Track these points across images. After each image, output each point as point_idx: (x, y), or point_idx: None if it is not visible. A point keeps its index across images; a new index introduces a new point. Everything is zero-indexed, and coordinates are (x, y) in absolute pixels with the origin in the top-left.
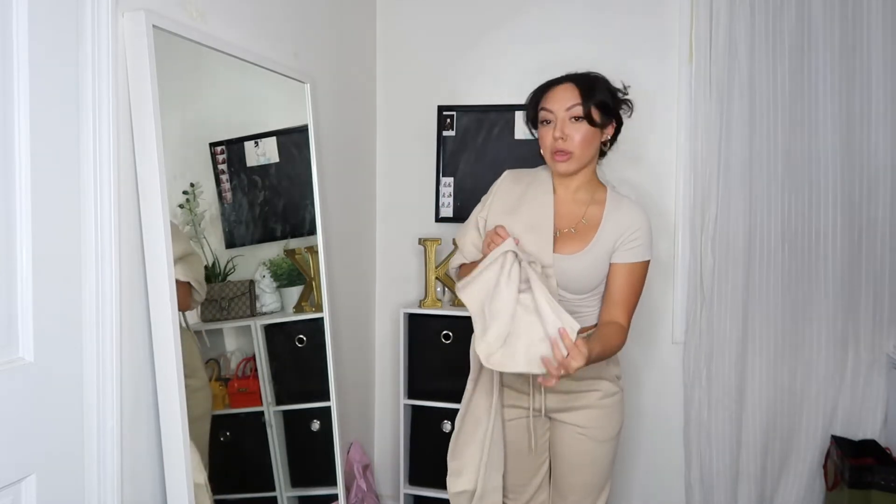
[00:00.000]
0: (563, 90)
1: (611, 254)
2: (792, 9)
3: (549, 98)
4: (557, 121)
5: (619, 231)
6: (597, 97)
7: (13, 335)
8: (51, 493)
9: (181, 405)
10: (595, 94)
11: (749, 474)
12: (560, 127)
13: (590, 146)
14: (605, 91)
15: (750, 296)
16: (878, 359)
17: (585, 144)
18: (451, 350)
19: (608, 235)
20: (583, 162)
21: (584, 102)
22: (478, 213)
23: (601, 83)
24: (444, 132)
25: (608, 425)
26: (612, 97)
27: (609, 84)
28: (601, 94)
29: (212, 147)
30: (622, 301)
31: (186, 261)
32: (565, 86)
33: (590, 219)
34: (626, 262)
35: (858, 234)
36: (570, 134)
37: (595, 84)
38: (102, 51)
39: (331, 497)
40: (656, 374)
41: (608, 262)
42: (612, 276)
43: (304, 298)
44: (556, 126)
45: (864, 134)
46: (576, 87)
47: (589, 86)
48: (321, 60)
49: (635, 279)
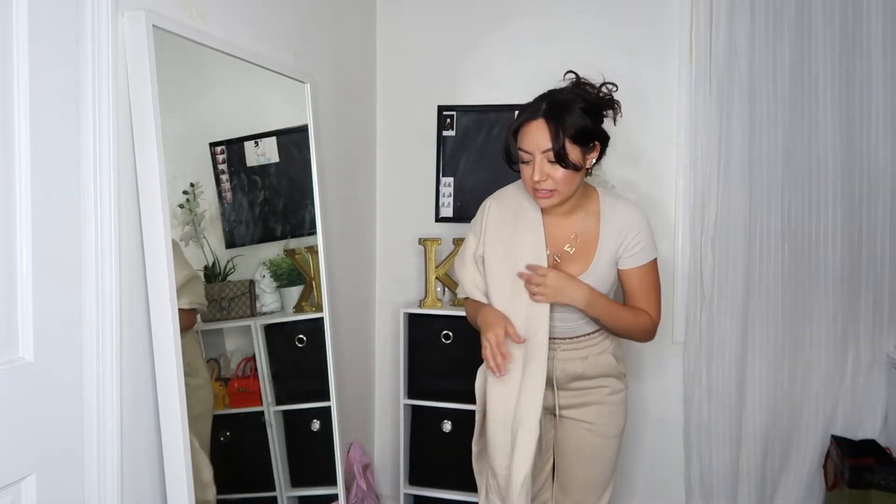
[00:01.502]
0: (537, 128)
1: (616, 261)
2: (792, 9)
3: (525, 137)
4: (535, 161)
5: (619, 239)
6: (569, 130)
7: (13, 335)
8: (51, 493)
9: (181, 405)
10: (567, 127)
11: (749, 474)
12: (538, 168)
13: (572, 181)
14: (579, 115)
15: (750, 296)
16: (878, 359)
17: (567, 181)
18: (451, 350)
19: (609, 245)
20: (566, 195)
21: (554, 142)
22: (473, 248)
23: (575, 107)
24: (444, 132)
25: (614, 422)
26: (590, 117)
27: (586, 102)
28: (575, 121)
29: (212, 147)
30: (643, 299)
31: (189, 287)
32: (538, 123)
33: (586, 233)
34: (634, 267)
35: (858, 234)
36: (550, 174)
37: (567, 111)
38: (102, 51)
39: (331, 497)
40: (656, 373)
41: (615, 269)
42: (625, 282)
43: (304, 298)
44: (534, 167)
45: (864, 134)
46: (547, 124)
47: (561, 118)
48: (321, 60)
49: (650, 279)
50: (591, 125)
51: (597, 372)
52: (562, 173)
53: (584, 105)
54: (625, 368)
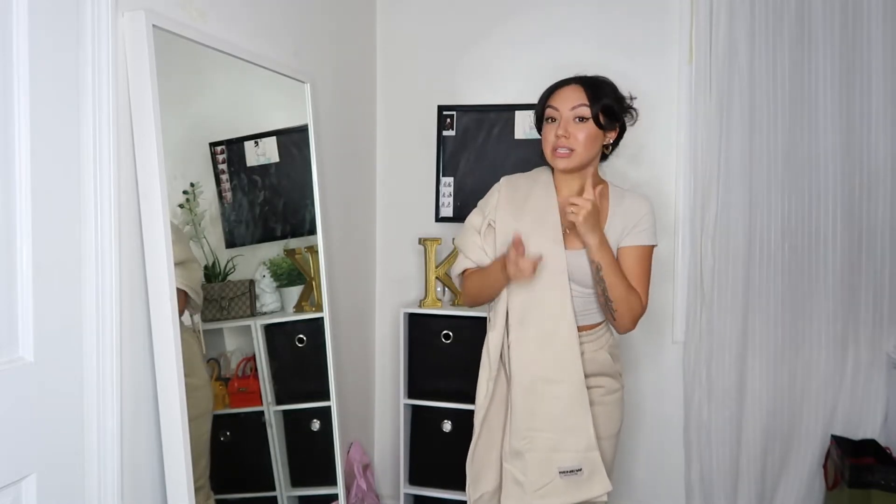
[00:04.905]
0: (571, 90)
1: (618, 243)
2: (792, 9)
3: (556, 97)
4: (562, 119)
5: (625, 220)
6: (603, 101)
7: (13, 335)
8: (51, 493)
9: (181, 405)
10: (601, 98)
11: (749, 474)
12: (563, 125)
13: (591, 146)
14: (611, 96)
15: (750, 296)
16: (878, 358)
17: (587, 144)
18: (451, 350)
19: (616, 227)
20: (583, 161)
21: (591, 104)
22: (478, 220)
23: (608, 88)
24: (444, 132)
25: (610, 422)
26: (617, 103)
27: (616, 90)
28: (607, 98)
29: (212, 147)
30: (634, 281)
31: (185, 267)
32: (573, 87)
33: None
34: (634, 245)
35: (858, 234)
36: (573, 133)
37: (602, 88)
38: (102, 51)
39: (331, 497)
40: (656, 373)
41: (615, 252)
42: (621, 260)
43: (304, 298)
44: (559, 124)
45: (864, 134)
46: (583, 88)
47: (596, 89)
48: (321, 60)
49: (645, 263)
50: (617, 109)
51: (593, 370)
52: (584, 134)
53: (615, 92)
54: (621, 367)
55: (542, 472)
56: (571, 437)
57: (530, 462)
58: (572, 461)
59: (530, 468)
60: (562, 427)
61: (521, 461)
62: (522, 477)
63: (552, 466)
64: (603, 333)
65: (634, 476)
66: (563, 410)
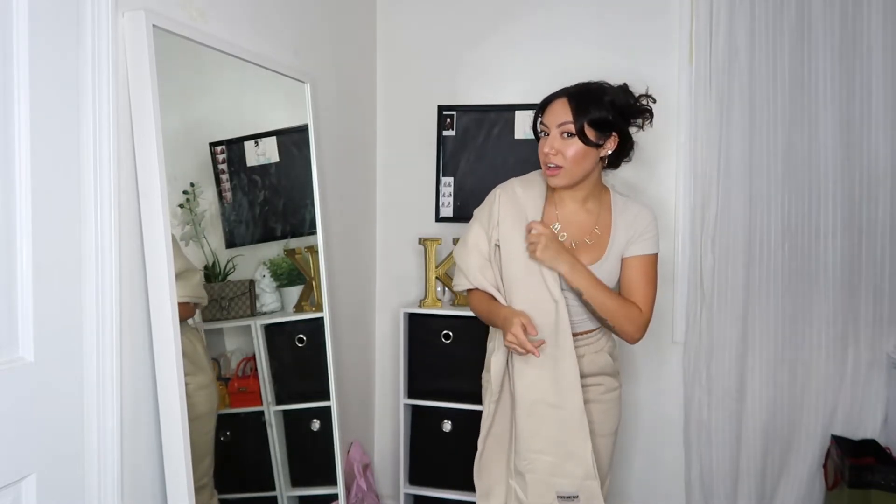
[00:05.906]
0: (559, 105)
1: (622, 253)
2: (792, 9)
3: (546, 112)
4: (551, 135)
5: (630, 230)
6: (591, 115)
7: (13, 335)
8: (51, 492)
9: (181, 405)
10: (588, 112)
11: (749, 474)
12: (551, 142)
13: (581, 161)
14: (604, 106)
15: (750, 296)
16: (878, 359)
17: (576, 160)
18: (452, 350)
19: (620, 237)
20: (574, 177)
21: (575, 120)
22: (481, 239)
23: (598, 97)
24: (444, 132)
25: (608, 420)
26: (615, 111)
27: (614, 97)
28: (596, 110)
29: (212, 147)
30: (639, 291)
31: (183, 278)
32: (561, 101)
33: (601, 226)
34: (638, 255)
35: (858, 234)
36: (560, 149)
37: (593, 99)
38: (102, 51)
39: (331, 497)
40: (656, 373)
41: (620, 263)
42: (625, 270)
43: (304, 298)
44: (549, 140)
45: (864, 134)
46: (569, 103)
47: (584, 102)
48: (321, 60)
49: (650, 270)
50: (612, 118)
51: (593, 370)
52: (573, 151)
53: (611, 99)
54: (619, 366)
55: (540, 494)
56: (570, 463)
57: (530, 483)
58: (570, 487)
59: (530, 489)
60: (562, 451)
61: (523, 481)
62: (523, 497)
63: (551, 490)
64: (601, 336)
65: (634, 475)
66: (563, 434)
